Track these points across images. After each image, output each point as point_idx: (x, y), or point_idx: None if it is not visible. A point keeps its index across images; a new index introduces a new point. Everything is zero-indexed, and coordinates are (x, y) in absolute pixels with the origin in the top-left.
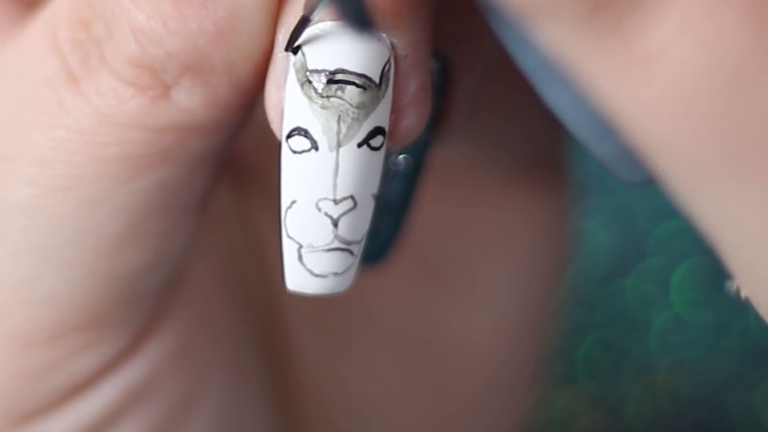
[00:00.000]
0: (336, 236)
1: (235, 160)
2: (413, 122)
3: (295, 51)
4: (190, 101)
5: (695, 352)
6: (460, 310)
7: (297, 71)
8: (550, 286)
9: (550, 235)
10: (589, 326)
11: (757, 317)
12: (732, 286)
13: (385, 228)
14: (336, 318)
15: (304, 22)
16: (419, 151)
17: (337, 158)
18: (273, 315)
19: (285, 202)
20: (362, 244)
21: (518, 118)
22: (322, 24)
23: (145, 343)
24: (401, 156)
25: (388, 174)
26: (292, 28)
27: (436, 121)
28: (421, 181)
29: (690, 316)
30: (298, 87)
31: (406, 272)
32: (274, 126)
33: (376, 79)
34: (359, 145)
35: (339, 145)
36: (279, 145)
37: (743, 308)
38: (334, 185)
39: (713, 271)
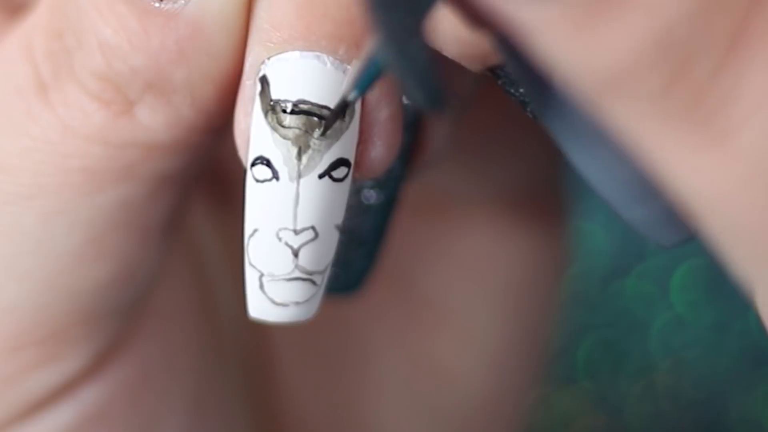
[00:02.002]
0: (297, 266)
1: (224, 180)
2: (381, 154)
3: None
4: (152, 119)
5: (695, 352)
6: (447, 340)
7: (261, 100)
8: (542, 316)
9: (542, 265)
10: (590, 327)
11: (757, 318)
12: None
13: (359, 260)
14: (322, 345)
15: (343, 106)
16: (392, 185)
17: (297, 189)
18: (256, 341)
19: (248, 231)
20: (326, 274)
21: (510, 147)
22: (288, 54)
23: (105, 368)
24: (373, 190)
25: (360, 207)
26: (259, 58)
27: (410, 156)
28: (393, 215)
29: (690, 316)
30: (262, 115)
31: (394, 301)
32: (240, 153)
33: None
34: (321, 176)
35: (299, 175)
36: (244, 172)
37: (743, 309)
38: (295, 215)
39: (713, 272)
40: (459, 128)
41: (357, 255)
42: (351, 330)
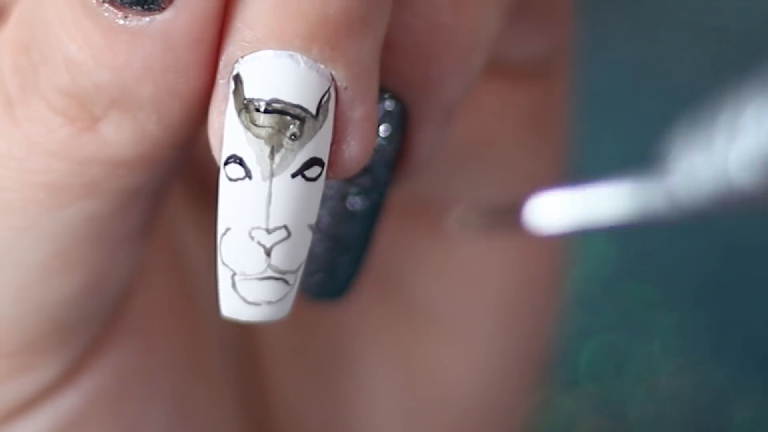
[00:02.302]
0: (269, 265)
1: (207, 182)
2: (354, 153)
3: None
4: (117, 136)
5: (699, 355)
6: (440, 347)
7: (235, 99)
8: (539, 322)
9: (539, 270)
10: (593, 330)
11: (760, 319)
12: None
13: (344, 267)
14: (313, 351)
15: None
16: (378, 192)
17: (270, 188)
18: (245, 346)
19: (220, 229)
20: (298, 273)
21: (503, 151)
22: (261, 53)
23: (80, 376)
24: (359, 197)
25: (345, 214)
26: (233, 57)
27: (395, 163)
28: (379, 221)
29: (693, 318)
30: (235, 114)
31: (386, 307)
32: (214, 152)
33: (313, 110)
34: (293, 176)
35: (272, 175)
36: (218, 171)
37: (747, 310)
38: (267, 215)
39: (716, 273)
40: (449, 132)
41: (343, 261)
42: (342, 336)
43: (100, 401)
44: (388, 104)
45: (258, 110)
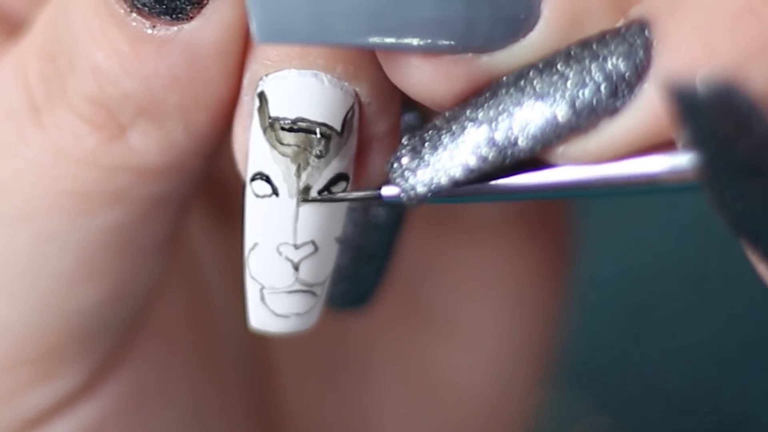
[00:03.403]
0: (297, 279)
1: (222, 193)
2: (379, 166)
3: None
4: (144, 144)
5: (698, 353)
6: (448, 349)
7: (260, 116)
8: (546, 325)
9: (547, 276)
10: (592, 329)
11: (759, 318)
12: None
13: (367, 275)
14: (325, 355)
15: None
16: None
17: (297, 205)
18: (257, 351)
19: (248, 244)
20: (325, 285)
21: None
22: (285, 72)
23: (101, 385)
24: (381, 208)
25: (369, 225)
26: (257, 75)
27: None
28: (401, 232)
29: (692, 317)
30: (260, 132)
31: (395, 311)
32: (240, 167)
33: (338, 127)
34: (320, 192)
35: (299, 192)
36: (243, 186)
37: (746, 310)
38: (294, 231)
39: (716, 273)
40: None
41: (366, 270)
42: (354, 341)
43: (120, 410)
44: (410, 117)
45: (284, 129)
